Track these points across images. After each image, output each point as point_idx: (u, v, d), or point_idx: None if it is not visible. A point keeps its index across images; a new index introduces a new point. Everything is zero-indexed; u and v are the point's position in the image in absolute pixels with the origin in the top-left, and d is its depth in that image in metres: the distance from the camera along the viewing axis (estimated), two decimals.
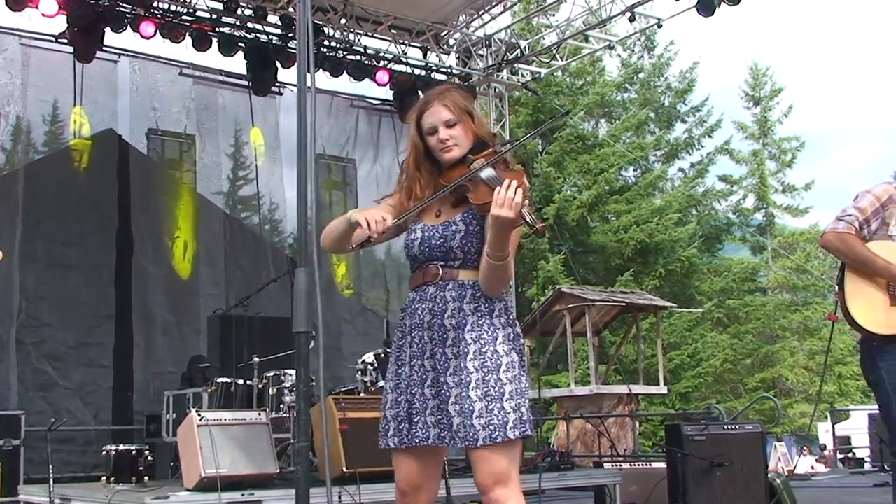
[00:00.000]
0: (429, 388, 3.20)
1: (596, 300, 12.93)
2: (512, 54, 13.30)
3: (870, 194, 4.47)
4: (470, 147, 3.27)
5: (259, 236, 12.23)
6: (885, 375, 4.35)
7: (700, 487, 7.53)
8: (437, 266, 3.25)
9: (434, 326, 3.20)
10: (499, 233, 3.00)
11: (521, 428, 3.11)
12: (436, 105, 3.30)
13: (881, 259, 4.34)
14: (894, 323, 4.34)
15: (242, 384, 7.49)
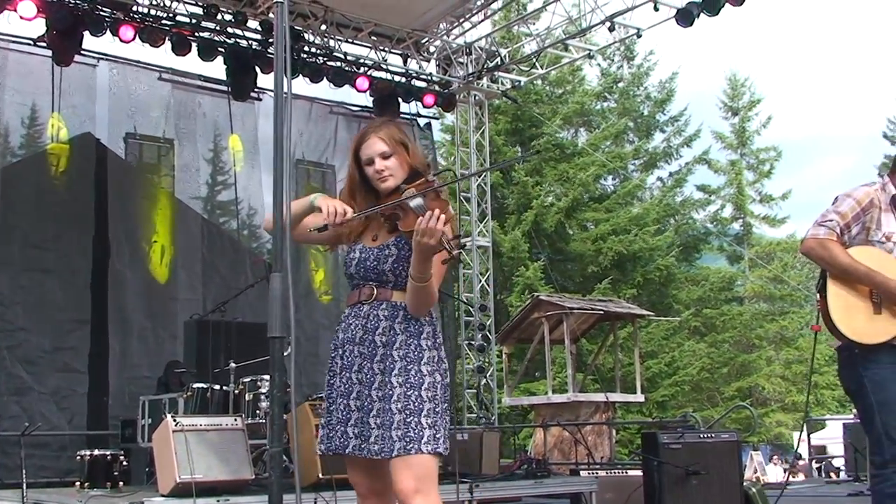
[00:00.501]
0: (353, 400, 3.38)
1: (574, 308, 12.96)
2: (492, 62, 13.33)
3: (850, 198, 4.38)
4: (405, 177, 3.48)
5: (237, 241, 12.19)
6: (869, 385, 4.29)
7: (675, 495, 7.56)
8: (371, 287, 3.45)
9: (365, 342, 3.40)
10: (420, 256, 3.21)
11: (433, 444, 3.29)
12: (372, 138, 3.50)
13: (863, 266, 4.27)
14: (878, 332, 4.27)
15: (219, 389, 7.45)
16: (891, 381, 4.24)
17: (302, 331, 11.48)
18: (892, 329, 4.26)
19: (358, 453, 3.34)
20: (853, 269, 4.27)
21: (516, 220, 24.83)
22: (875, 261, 4.28)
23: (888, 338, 4.26)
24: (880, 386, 4.25)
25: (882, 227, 4.34)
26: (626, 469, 9.11)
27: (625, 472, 8.71)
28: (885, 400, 4.24)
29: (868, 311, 4.29)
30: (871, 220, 4.35)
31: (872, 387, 4.27)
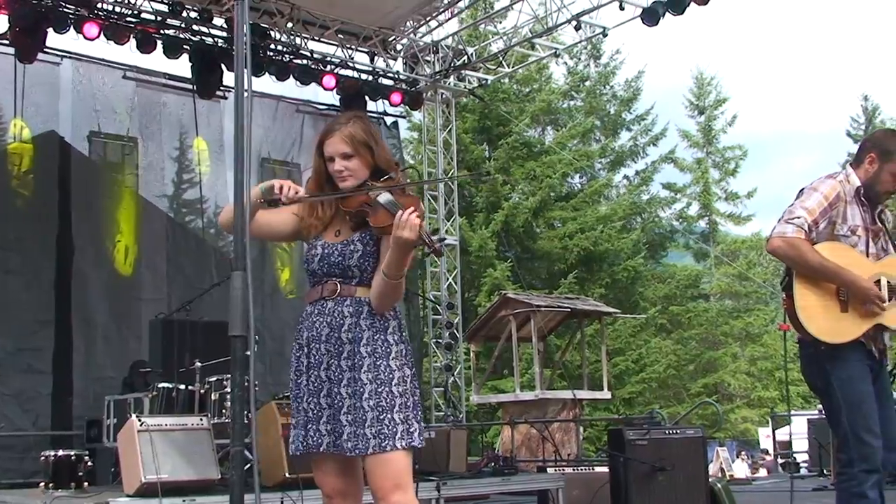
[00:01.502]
0: (324, 398, 3.36)
1: (541, 306, 12.99)
2: (459, 61, 13.34)
3: (818, 193, 4.32)
4: (366, 178, 3.43)
5: (202, 240, 12.11)
6: (836, 383, 4.26)
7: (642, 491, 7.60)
8: (335, 282, 3.42)
9: (331, 339, 3.37)
10: (399, 252, 3.19)
11: (407, 439, 3.29)
12: (335, 136, 3.45)
13: (833, 264, 4.22)
14: (845, 331, 4.25)
15: (184, 389, 7.42)
16: (858, 380, 4.24)
17: (268, 330, 11.44)
18: (859, 328, 4.25)
19: (333, 450, 3.32)
20: (823, 267, 4.21)
21: (485, 218, 24.86)
22: (842, 257, 4.24)
23: (855, 336, 4.25)
24: (847, 385, 4.24)
25: (847, 220, 4.32)
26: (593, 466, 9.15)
27: (591, 469, 8.74)
28: (852, 399, 4.23)
29: (835, 310, 4.25)
30: (838, 214, 4.31)
31: (840, 385, 4.25)
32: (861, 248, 4.31)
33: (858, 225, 4.33)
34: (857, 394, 4.22)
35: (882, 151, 4.35)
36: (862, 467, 4.17)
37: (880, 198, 4.39)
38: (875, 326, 4.27)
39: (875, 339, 4.30)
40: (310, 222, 3.49)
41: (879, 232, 4.38)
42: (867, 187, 4.36)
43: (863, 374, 4.24)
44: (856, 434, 4.20)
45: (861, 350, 4.27)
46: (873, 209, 4.39)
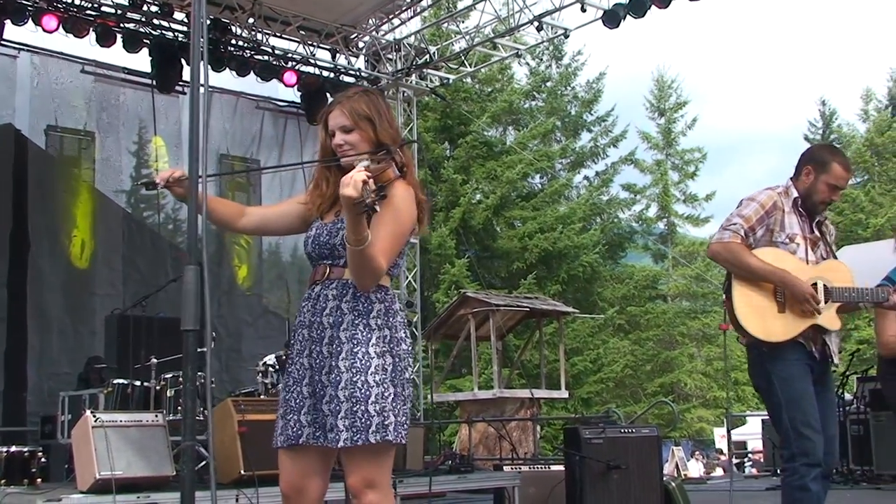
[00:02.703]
0: (306, 387, 3.19)
1: (500, 305, 13.04)
2: (421, 59, 13.35)
3: (754, 202, 4.52)
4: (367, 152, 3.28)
5: (158, 236, 12.04)
6: (777, 381, 4.41)
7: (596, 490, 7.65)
8: (325, 266, 3.26)
9: (314, 325, 3.21)
10: (347, 212, 2.95)
11: (382, 433, 3.09)
12: (337, 109, 3.30)
13: (768, 265, 4.38)
14: (783, 330, 4.39)
15: (139, 385, 7.38)
16: (797, 379, 4.38)
17: (224, 327, 11.40)
18: (796, 327, 4.39)
19: (313, 442, 3.16)
20: (758, 268, 4.38)
21: (444, 217, 24.89)
22: (779, 261, 4.39)
23: (793, 335, 4.38)
24: (787, 383, 4.38)
25: (786, 228, 4.47)
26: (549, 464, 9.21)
27: (548, 468, 8.79)
28: (792, 396, 4.37)
29: (773, 310, 4.40)
30: (775, 222, 4.48)
31: (780, 384, 4.39)
32: (800, 256, 4.46)
33: (797, 233, 4.49)
34: (797, 391, 4.37)
35: (817, 164, 4.54)
36: (803, 461, 4.30)
37: (817, 208, 4.57)
38: (813, 328, 4.40)
39: (815, 340, 4.43)
40: (314, 205, 3.35)
41: (818, 241, 4.55)
42: (805, 198, 4.54)
43: (802, 374, 4.38)
44: (796, 429, 4.34)
45: (801, 350, 4.41)
46: (812, 219, 4.57)
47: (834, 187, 4.53)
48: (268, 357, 7.44)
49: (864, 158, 33.52)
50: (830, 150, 4.66)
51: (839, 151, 4.65)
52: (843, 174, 4.54)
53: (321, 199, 3.35)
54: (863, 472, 11.61)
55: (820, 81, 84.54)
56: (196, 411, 2.86)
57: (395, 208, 3.14)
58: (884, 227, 27.94)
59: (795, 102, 73.66)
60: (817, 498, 4.33)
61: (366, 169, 3.00)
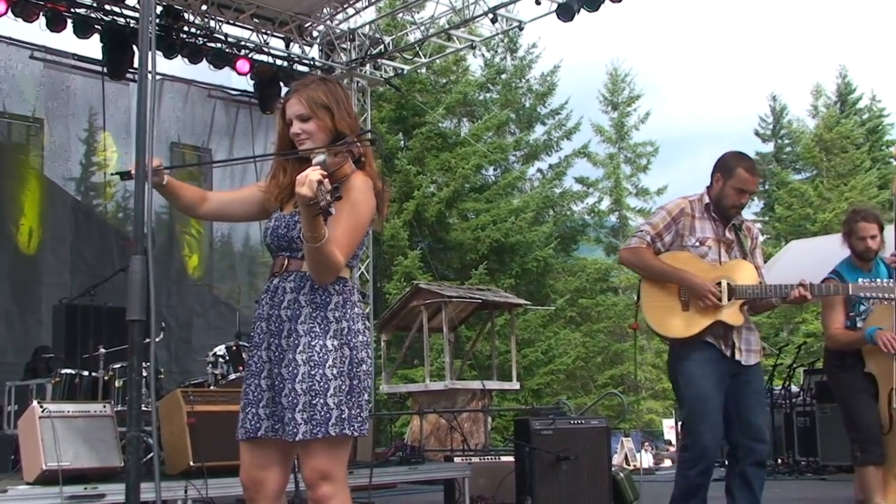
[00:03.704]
0: (264, 380, 3.19)
1: (453, 296, 13.07)
2: (375, 49, 13.30)
3: (663, 210, 4.85)
4: (326, 142, 3.25)
5: (108, 225, 11.90)
6: (681, 379, 4.73)
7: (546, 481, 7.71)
8: (283, 258, 3.25)
9: (272, 317, 3.20)
10: (303, 210, 2.94)
11: (341, 425, 3.09)
12: (294, 98, 3.29)
13: (669, 266, 4.66)
14: (686, 327, 4.65)
15: (87, 376, 7.30)
16: (698, 378, 4.65)
17: (174, 317, 11.30)
18: (699, 323, 4.63)
19: (272, 435, 3.15)
20: (660, 270, 4.69)
21: (398, 208, 24.86)
22: (684, 263, 4.66)
23: (696, 331, 4.64)
24: (689, 381, 4.68)
25: (696, 232, 4.74)
26: (500, 455, 9.25)
27: (498, 459, 8.84)
28: (691, 394, 4.67)
29: (677, 309, 4.67)
30: (684, 227, 4.75)
31: (683, 381, 4.71)
32: (713, 257, 4.73)
33: (709, 237, 4.76)
34: (696, 390, 4.65)
35: (724, 170, 4.79)
36: (692, 454, 4.63)
37: (729, 212, 4.80)
38: (720, 325, 4.64)
39: (724, 337, 4.67)
40: (272, 193, 3.33)
41: (732, 243, 4.79)
42: (716, 203, 4.79)
43: (705, 373, 4.64)
44: (691, 424, 4.67)
45: (708, 349, 4.66)
46: (725, 223, 4.81)
47: (741, 191, 4.75)
48: (218, 348, 7.40)
49: (813, 154, 34.01)
50: (736, 157, 4.85)
51: (745, 157, 4.85)
52: (748, 178, 4.75)
53: (279, 190, 3.33)
54: (808, 462, 11.81)
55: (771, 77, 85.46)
56: (141, 400, 2.81)
57: (353, 202, 3.13)
58: (831, 221, 28.34)
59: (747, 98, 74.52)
60: (695, 488, 4.63)
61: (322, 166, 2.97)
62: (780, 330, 31.74)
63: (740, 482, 4.65)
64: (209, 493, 5.85)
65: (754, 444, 4.63)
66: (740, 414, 4.67)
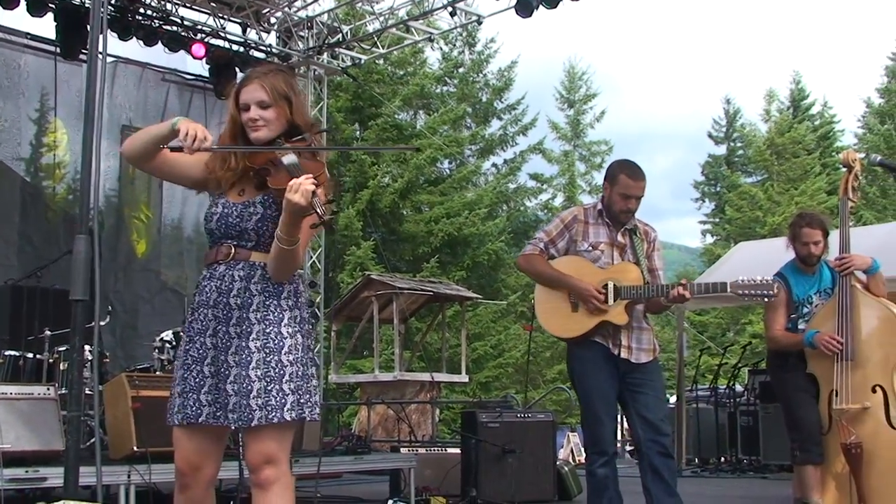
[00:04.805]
0: (208, 367, 3.20)
1: (404, 288, 13.09)
2: (333, 38, 13.24)
3: (557, 218, 5.11)
4: (281, 132, 3.28)
5: (56, 206, 11.74)
6: (574, 378, 4.99)
7: (491, 472, 7.77)
8: (229, 245, 3.26)
9: (219, 305, 3.21)
10: (290, 218, 3.03)
11: (297, 410, 3.16)
12: (254, 83, 3.30)
13: (556, 272, 4.90)
14: (574, 327, 4.86)
15: (32, 358, 7.23)
16: (588, 375, 4.89)
17: (121, 302, 11.19)
18: (587, 324, 4.83)
19: (213, 422, 3.17)
20: (548, 275, 4.94)
21: (351, 198, 24.80)
22: (574, 267, 4.88)
23: (584, 331, 4.84)
24: (580, 379, 4.95)
25: (589, 237, 4.96)
26: (446, 447, 9.30)
27: (444, 450, 8.89)
28: (583, 391, 4.94)
29: (567, 311, 4.89)
30: (577, 233, 4.97)
31: (576, 379, 4.98)
32: (606, 261, 4.93)
33: (601, 241, 4.96)
34: (587, 387, 4.90)
35: (610, 178, 5.00)
36: (593, 449, 4.89)
37: (619, 217, 4.97)
38: (608, 325, 4.82)
39: (613, 337, 4.85)
40: (218, 174, 3.32)
41: (625, 247, 4.97)
42: (607, 209, 5.00)
43: (594, 370, 4.86)
44: (587, 421, 4.94)
45: (596, 348, 4.86)
46: (618, 228, 4.99)
47: (626, 196, 4.92)
48: (165, 333, 7.36)
49: (764, 157, 34.42)
50: (620, 165, 5.05)
51: (628, 164, 5.02)
52: (629, 184, 4.92)
53: (228, 174, 3.31)
54: (750, 461, 11.98)
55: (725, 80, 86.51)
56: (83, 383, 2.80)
57: None
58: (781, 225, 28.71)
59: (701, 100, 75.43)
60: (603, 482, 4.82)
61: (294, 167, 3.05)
62: (727, 330, 32.14)
63: (651, 475, 4.78)
64: (152, 479, 5.81)
65: (656, 437, 4.78)
66: (637, 411, 4.84)
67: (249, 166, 3.25)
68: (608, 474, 4.82)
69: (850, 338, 5.30)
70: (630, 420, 4.91)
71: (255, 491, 3.21)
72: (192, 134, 3.11)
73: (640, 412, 4.82)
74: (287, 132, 3.28)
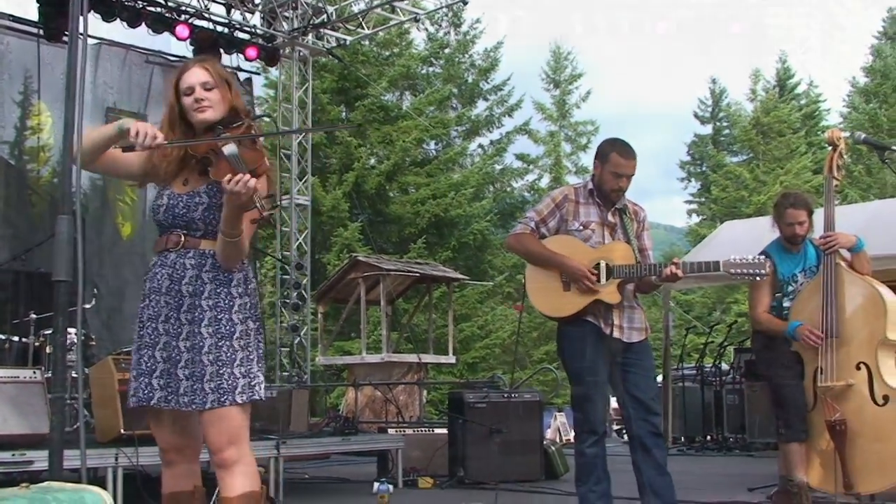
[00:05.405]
0: (159, 352, 3.31)
1: (391, 270, 13.08)
2: (318, 19, 13.19)
3: (548, 197, 5.06)
4: (224, 114, 3.37)
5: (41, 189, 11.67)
6: (565, 356, 4.97)
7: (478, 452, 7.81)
8: (179, 234, 3.36)
9: (171, 292, 3.32)
10: (231, 212, 3.15)
11: (248, 393, 3.29)
12: (196, 67, 3.41)
13: (548, 251, 4.85)
14: (566, 306, 4.83)
15: (18, 341, 7.22)
16: (578, 355, 4.85)
17: (106, 285, 11.14)
18: (579, 303, 4.79)
19: (164, 405, 3.28)
20: (540, 254, 4.88)
21: (338, 180, 24.74)
22: (565, 247, 4.83)
23: (576, 311, 4.81)
24: (570, 358, 4.92)
25: (580, 217, 4.91)
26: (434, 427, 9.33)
27: (431, 431, 8.92)
28: (573, 371, 4.91)
29: (558, 290, 4.85)
30: (568, 212, 4.92)
31: (566, 358, 4.96)
32: (597, 240, 4.89)
33: (592, 221, 4.92)
34: (577, 367, 4.86)
35: (601, 157, 4.95)
36: (583, 428, 4.86)
37: (610, 196, 4.93)
38: (599, 304, 4.79)
39: (605, 316, 4.83)
40: (158, 164, 3.40)
41: (615, 227, 4.95)
42: (597, 189, 4.95)
43: (585, 350, 4.81)
44: (577, 401, 4.90)
45: (588, 328, 4.83)
46: (608, 207, 4.96)
47: (617, 175, 4.88)
48: None
49: (750, 137, 34.45)
50: (611, 143, 5.00)
51: (619, 143, 4.97)
52: (621, 162, 4.88)
53: (165, 163, 3.41)
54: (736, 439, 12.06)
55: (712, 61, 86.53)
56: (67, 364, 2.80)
57: None
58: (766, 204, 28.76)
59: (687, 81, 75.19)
60: (592, 461, 4.81)
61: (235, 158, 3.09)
62: (713, 309, 32.25)
63: (642, 454, 4.80)
64: (140, 461, 5.83)
65: (647, 416, 4.79)
66: (628, 390, 4.84)
67: (192, 154, 3.34)
68: (598, 454, 4.82)
69: (835, 315, 5.33)
70: (621, 399, 4.91)
71: (218, 472, 3.31)
72: (143, 133, 3.19)
73: (631, 391, 4.82)
74: (227, 118, 3.37)
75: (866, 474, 5.17)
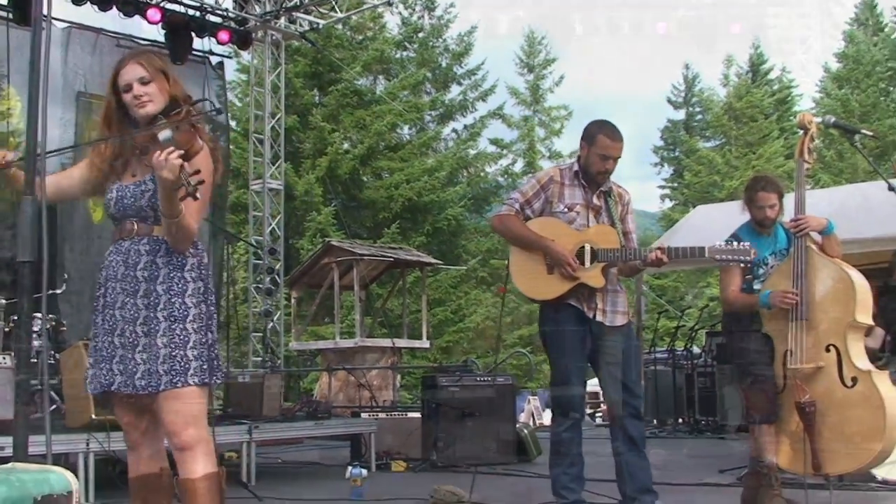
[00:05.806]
0: (118, 337, 3.35)
1: (364, 255, 13.07)
2: (291, 2, 13.12)
3: (533, 178, 5.08)
4: (164, 105, 3.39)
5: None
6: (546, 340, 4.97)
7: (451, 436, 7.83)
8: (132, 222, 3.41)
9: (127, 278, 3.37)
10: (163, 192, 3.16)
11: (201, 375, 3.32)
12: (131, 63, 3.43)
13: (532, 233, 4.83)
14: (550, 290, 4.83)
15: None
16: (560, 338, 4.87)
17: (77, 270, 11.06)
18: (562, 286, 4.80)
19: (124, 389, 3.32)
20: (524, 236, 4.88)
21: (311, 164, 24.66)
22: (550, 229, 4.83)
23: (559, 294, 4.82)
24: (552, 342, 4.93)
25: (565, 199, 4.91)
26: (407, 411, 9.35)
27: (405, 415, 8.93)
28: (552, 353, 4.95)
29: (543, 273, 4.85)
30: (553, 194, 4.92)
31: (547, 342, 4.97)
32: (581, 223, 4.90)
33: (577, 203, 4.91)
34: (556, 350, 4.90)
35: (588, 138, 4.96)
36: (560, 412, 4.90)
37: (596, 178, 4.94)
38: (583, 287, 4.80)
39: (588, 299, 4.84)
40: (101, 166, 3.47)
41: (600, 209, 4.95)
42: (583, 171, 4.96)
43: (567, 333, 4.84)
44: (556, 383, 4.92)
45: (570, 311, 4.84)
46: (594, 189, 4.96)
47: (604, 157, 4.88)
48: None
49: (722, 122, 34.63)
50: (598, 124, 4.99)
51: (606, 125, 4.97)
52: (608, 144, 4.89)
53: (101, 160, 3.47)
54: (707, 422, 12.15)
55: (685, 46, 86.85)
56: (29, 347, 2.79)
57: None
58: (738, 188, 28.88)
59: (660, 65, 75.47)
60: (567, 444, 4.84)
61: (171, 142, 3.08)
62: (686, 294, 32.43)
63: (623, 437, 4.82)
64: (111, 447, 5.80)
65: (628, 399, 4.81)
66: (610, 373, 4.85)
67: (135, 147, 3.39)
68: (573, 437, 4.84)
69: (805, 298, 5.36)
70: (603, 382, 4.93)
71: (177, 454, 3.34)
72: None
73: (613, 374, 4.82)
74: (168, 107, 3.39)
75: (835, 455, 5.21)
